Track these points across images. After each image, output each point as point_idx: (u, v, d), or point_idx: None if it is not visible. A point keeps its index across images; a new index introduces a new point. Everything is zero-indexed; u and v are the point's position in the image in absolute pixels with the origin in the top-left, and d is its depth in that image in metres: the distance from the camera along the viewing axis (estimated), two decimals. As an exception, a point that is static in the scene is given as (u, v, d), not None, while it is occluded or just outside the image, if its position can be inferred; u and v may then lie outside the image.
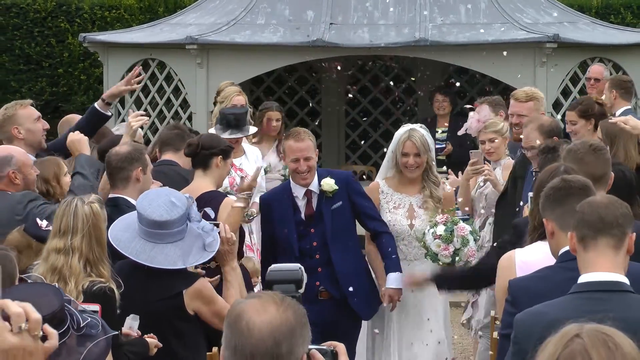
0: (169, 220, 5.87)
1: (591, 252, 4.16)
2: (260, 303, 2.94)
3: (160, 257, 5.85)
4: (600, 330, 2.76)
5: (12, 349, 2.56)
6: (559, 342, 2.75)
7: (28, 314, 2.60)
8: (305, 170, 7.45)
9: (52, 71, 17.43)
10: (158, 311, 5.86)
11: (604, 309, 3.89)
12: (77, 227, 5.45)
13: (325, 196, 7.54)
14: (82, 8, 17.40)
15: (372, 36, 12.93)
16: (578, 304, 4.08)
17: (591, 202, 4.27)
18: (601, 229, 4.15)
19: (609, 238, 4.16)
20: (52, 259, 5.45)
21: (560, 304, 4.16)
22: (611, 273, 4.14)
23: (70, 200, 5.58)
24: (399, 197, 7.83)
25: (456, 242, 7.36)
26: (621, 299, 4.10)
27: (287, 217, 7.57)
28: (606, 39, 13.10)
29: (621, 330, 2.83)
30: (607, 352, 2.70)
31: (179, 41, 12.86)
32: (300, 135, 7.54)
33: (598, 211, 4.17)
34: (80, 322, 3.39)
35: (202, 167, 7.47)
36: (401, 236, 7.80)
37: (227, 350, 2.92)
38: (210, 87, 12.85)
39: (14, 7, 17.39)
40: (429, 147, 7.77)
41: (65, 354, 3.70)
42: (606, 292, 4.11)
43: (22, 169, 6.95)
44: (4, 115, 7.88)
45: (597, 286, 4.12)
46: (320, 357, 3.10)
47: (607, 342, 2.72)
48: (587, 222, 4.17)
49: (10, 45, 17.34)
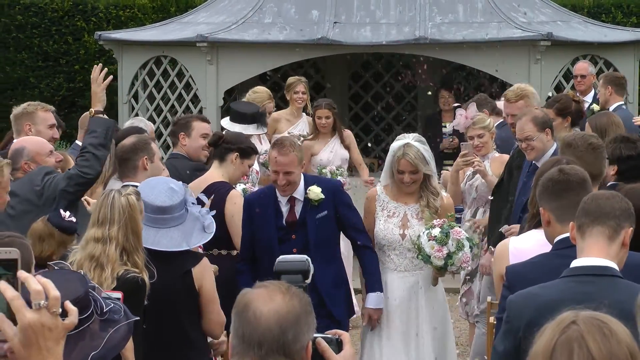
0: (171, 205, 5.97)
1: (587, 239, 4.16)
2: (267, 292, 2.93)
3: (165, 240, 5.92)
4: (596, 317, 2.75)
5: (30, 325, 2.52)
6: (556, 328, 2.73)
7: (47, 291, 2.54)
8: (284, 184, 6.90)
9: (69, 68, 17.42)
10: (170, 292, 5.88)
11: (592, 291, 3.96)
12: (114, 218, 5.50)
13: (311, 204, 6.98)
14: (98, 7, 17.39)
15: (374, 34, 12.92)
16: (568, 287, 4.09)
17: (595, 194, 4.30)
18: (597, 218, 4.15)
19: (604, 227, 4.15)
20: (90, 247, 5.50)
21: (551, 286, 4.17)
22: (601, 259, 4.14)
23: (109, 193, 5.66)
24: (394, 205, 7.18)
25: (451, 245, 6.78)
26: (609, 282, 4.10)
27: (269, 220, 7.01)
28: (598, 37, 13.08)
29: (609, 311, 2.84)
30: (602, 338, 2.69)
31: (190, 39, 12.85)
32: (285, 148, 6.89)
33: (598, 202, 4.19)
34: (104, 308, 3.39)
35: (219, 159, 7.60)
36: (392, 245, 7.15)
37: (236, 339, 2.91)
38: (220, 82, 12.88)
39: (33, 7, 17.37)
40: (426, 161, 7.04)
41: (88, 339, 3.70)
42: (595, 275, 4.12)
43: (36, 158, 7.02)
44: (24, 110, 7.89)
45: (586, 270, 4.13)
46: (325, 344, 3.09)
47: (602, 328, 2.71)
48: (586, 210, 4.17)
49: (29, 43, 17.33)
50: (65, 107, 17.31)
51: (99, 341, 2.79)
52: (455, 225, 6.91)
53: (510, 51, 12.65)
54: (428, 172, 7.04)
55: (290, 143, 6.95)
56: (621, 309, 3.17)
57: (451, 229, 6.82)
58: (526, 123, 7.83)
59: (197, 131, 8.16)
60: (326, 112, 10.63)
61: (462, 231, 6.90)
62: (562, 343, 2.69)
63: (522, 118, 7.96)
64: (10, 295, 2.51)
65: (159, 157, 7.05)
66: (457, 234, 6.80)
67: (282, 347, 2.86)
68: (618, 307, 3.18)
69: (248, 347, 2.87)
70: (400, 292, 7.11)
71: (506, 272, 4.76)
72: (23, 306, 2.51)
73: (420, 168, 6.98)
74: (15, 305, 2.51)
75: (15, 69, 17.26)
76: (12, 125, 8.09)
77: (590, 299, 3.27)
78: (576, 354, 2.66)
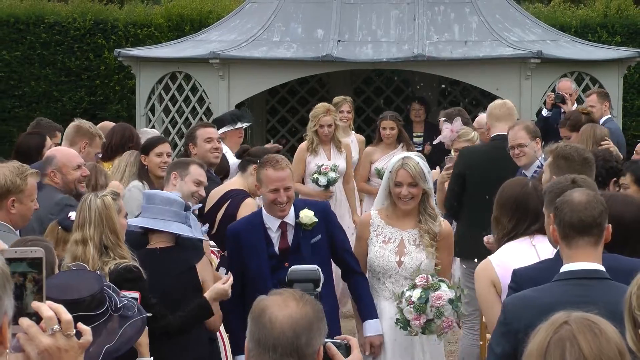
0: (177, 200, 6.08)
1: (573, 249, 4.15)
2: (282, 299, 2.92)
3: (173, 226, 5.98)
4: (587, 317, 2.77)
5: (47, 350, 2.55)
6: (549, 328, 2.75)
7: (60, 315, 2.57)
8: (285, 202, 6.05)
9: (90, 82, 17.40)
10: (176, 287, 5.88)
11: (588, 294, 3.95)
12: (91, 218, 5.52)
13: (303, 229, 6.14)
14: (117, 26, 17.38)
15: (375, 52, 12.94)
16: (565, 290, 4.07)
17: (570, 202, 4.20)
18: (582, 230, 4.13)
19: (589, 237, 4.15)
20: (72, 249, 5.52)
21: (548, 289, 4.15)
22: (590, 263, 4.15)
23: (86, 196, 5.70)
24: (390, 230, 6.24)
25: (429, 312, 5.85)
26: (602, 285, 4.11)
27: (258, 250, 6.12)
28: (584, 55, 13.10)
29: (603, 312, 2.86)
30: (592, 337, 2.71)
31: (203, 56, 12.84)
32: (280, 163, 6.09)
33: (578, 214, 4.13)
34: (118, 304, 3.38)
35: (241, 170, 7.74)
36: (388, 273, 6.21)
37: (252, 342, 2.90)
38: (231, 97, 12.88)
39: (57, 25, 17.37)
40: (425, 177, 6.17)
41: (105, 334, 3.68)
42: (589, 279, 4.12)
43: (62, 169, 6.98)
44: (89, 130, 8.19)
45: (580, 274, 4.12)
46: (335, 349, 3.07)
47: (592, 328, 2.73)
48: (569, 223, 4.14)
49: (53, 59, 17.32)
50: (87, 119, 17.24)
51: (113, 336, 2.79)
52: (439, 286, 5.92)
53: (502, 68, 12.67)
54: (427, 188, 6.19)
55: (281, 158, 6.20)
56: (614, 310, 3.18)
57: (434, 290, 5.88)
58: (519, 131, 7.83)
59: (201, 137, 8.17)
60: (391, 124, 10.45)
61: (443, 295, 5.88)
62: (555, 342, 2.70)
63: (514, 127, 7.95)
64: (26, 324, 2.54)
65: None
66: (437, 300, 5.84)
67: (296, 350, 2.85)
68: (611, 308, 3.19)
69: (263, 350, 2.85)
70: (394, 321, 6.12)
71: (514, 275, 4.70)
72: (39, 332, 2.54)
73: (419, 181, 6.12)
74: (32, 333, 2.53)
75: (40, 84, 17.24)
76: (65, 134, 8.31)
77: (586, 301, 3.28)
78: (568, 352, 2.68)
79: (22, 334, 2.54)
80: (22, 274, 2.52)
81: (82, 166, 7.11)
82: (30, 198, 6.09)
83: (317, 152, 10.15)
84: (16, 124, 17.04)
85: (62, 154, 7.12)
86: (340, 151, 10.24)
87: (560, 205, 4.18)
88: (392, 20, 13.34)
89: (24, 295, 2.53)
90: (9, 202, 5.98)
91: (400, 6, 13.44)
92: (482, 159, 8.49)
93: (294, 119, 15.28)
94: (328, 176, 9.97)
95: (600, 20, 17.33)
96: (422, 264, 6.14)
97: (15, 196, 5.99)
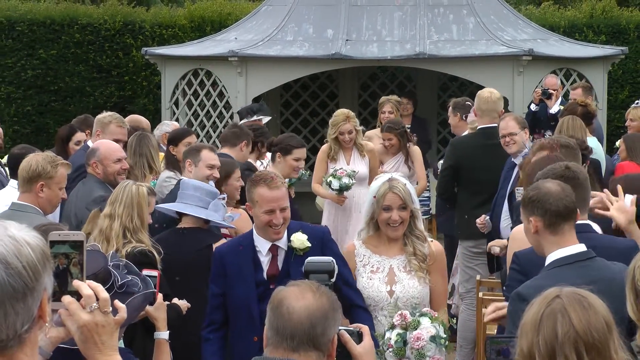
0: (214, 190, 6.30)
1: (559, 235, 4.15)
2: (299, 290, 2.88)
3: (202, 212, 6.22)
4: (577, 292, 2.81)
5: (86, 325, 2.59)
6: (542, 302, 2.79)
7: (98, 293, 2.60)
8: (281, 223, 5.09)
9: (119, 78, 17.35)
10: (193, 263, 5.99)
11: (588, 274, 3.95)
12: (122, 198, 5.54)
13: (295, 254, 5.14)
14: (144, 27, 17.34)
15: (380, 50, 12.88)
16: (568, 274, 4.01)
17: (549, 192, 4.17)
18: (566, 216, 4.15)
19: (571, 221, 4.18)
20: (100, 221, 5.53)
21: (553, 275, 4.06)
22: (577, 245, 4.16)
23: (126, 181, 5.78)
24: (377, 259, 5.33)
25: (410, 355, 4.83)
26: (595, 263, 4.12)
27: (245, 275, 5.16)
28: (572, 52, 13.03)
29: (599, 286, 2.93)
30: (582, 310, 2.74)
31: (223, 54, 12.76)
32: (274, 181, 5.11)
33: (563, 202, 4.14)
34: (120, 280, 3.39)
35: (272, 160, 7.61)
36: (380, 305, 5.25)
37: (270, 331, 2.86)
38: (248, 91, 12.84)
39: (89, 26, 17.32)
40: (412, 198, 5.30)
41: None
42: (583, 260, 4.12)
43: (103, 161, 6.94)
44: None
45: (575, 257, 4.12)
46: (348, 336, 3.02)
47: (582, 302, 2.77)
48: (556, 212, 4.13)
49: (85, 57, 17.26)
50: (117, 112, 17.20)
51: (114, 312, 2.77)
52: (419, 324, 4.88)
53: (496, 65, 12.62)
54: (414, 209, 5.31)
55: (274, 175, 5.21)
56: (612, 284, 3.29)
57: (413, 329, 4.86)
58: (509, 121, 7.97)
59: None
60: (388, 135, 9.74)
61: (422, 335, 4.84)
62: (548, 314, 2.74)
63: (505, 117, 8.09)
64: (68, 301, 2.58)
65: None
66: (417, 341, 4.82)
67: (312, 339, 2.81)
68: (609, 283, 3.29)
69: (281, 338, 2.81)
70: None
71: (515, 257, 4.62)
72: (79, 309, 2.58)
73: (409, 203, 5.26)
74: (72, 309, 2.58)
75: (74, 80, 17.18)
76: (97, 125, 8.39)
77: (591, 281, 3.28)
78: (560, 323, 2.72)
79: (63, 310, 2.58)
80: (66, 255, 2.57)
81: (122, 160, 7.03)
82: (58, 185, 6.05)
83: (337, 159, 9.26)
84: (52, 117, 17.05)
85: (105, 147, 7.04)
86: (362, 156, 9.30)
87: (543, 197, 4.15)
88: (395, 21, 13.31)
89: (68, 277, 2.58)
90: (38, 186, 5.96)
91: (403, 8, 13.42)
92: (473, 148, 8.61)
93: (306, 112, 15.23)
94: (341, 181, 8.97)
95: (587, 20, 17.21)
96: (416, 292, 5.27)
97: (44, 181, 5.96)
